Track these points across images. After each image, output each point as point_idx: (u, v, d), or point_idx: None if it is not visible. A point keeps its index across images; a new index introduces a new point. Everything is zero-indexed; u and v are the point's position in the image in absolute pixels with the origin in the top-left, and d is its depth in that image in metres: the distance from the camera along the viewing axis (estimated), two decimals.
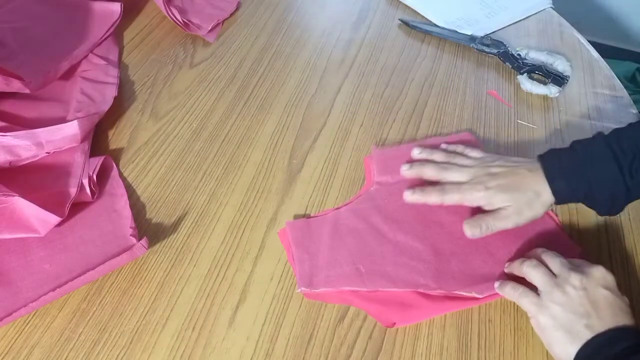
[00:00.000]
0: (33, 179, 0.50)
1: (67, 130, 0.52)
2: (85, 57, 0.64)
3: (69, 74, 0.61)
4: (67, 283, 0.43)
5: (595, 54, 0.72)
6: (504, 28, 0.75)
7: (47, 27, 0.66)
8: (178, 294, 0.45)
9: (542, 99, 0.65)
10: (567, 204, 0.51)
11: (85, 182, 0.49)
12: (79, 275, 0.43)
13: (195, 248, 0.48)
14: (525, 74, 0.66)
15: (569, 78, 0.65)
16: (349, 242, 0.48)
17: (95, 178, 0.51)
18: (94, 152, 0.54)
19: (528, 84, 0.65)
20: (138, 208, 0.51)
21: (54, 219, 0.46)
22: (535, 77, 0.67)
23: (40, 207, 0.45)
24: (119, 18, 0.68)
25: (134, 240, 0.46)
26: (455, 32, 0.73)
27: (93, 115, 0.55)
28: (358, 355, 0.42)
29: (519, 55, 0.68)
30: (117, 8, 0.68)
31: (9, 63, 0.59)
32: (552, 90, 0.64)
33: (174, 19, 0.70)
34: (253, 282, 0.46)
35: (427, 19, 0.76)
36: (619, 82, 0.68)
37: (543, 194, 0.46)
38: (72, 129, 0.52)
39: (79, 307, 0.44)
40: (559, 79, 0.65)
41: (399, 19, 0.75)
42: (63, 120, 0.54)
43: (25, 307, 0.42)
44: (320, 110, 0.62)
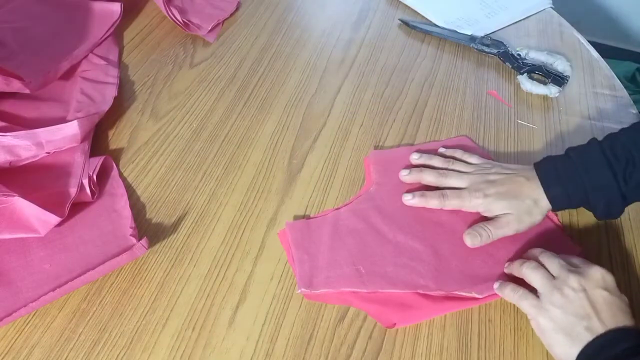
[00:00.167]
0: (33, 179, 0.50)
1: (67, 130, 0.52)
2: (85, 57, 0.63)
3: (69, 74, 0.61)
4: (67, 283, 0.43)
5: (595, 54, 0.72)
6: (504, 28, 0.75)
7: (47, 27, 0.66)
8: (178, 294, 0.45)
9: (542, 99, 0.65)
10: None
11: (85, 182, 0.49)
12: (79, 275, 0.43)
13: (195, 248, 0.48)
14: (525, 74, 0.66)
15: (569, 78, 0.65)
16: (349, 242, 0.48)
17: (95, 178, 0.51)
18: (94, 152, 0.54)
19: (528, 84, 0.65)
20: (138, 208, 0.51)
21: (54, 219, 0.45)
22: (535, 77, 0.67)
23: (40, 207, 0.45)
24: (119, 18, 0.68)
25: (134, 240, 0.46)
26: (455, 32, 0.73)
27: (93, 115, 0.55)
28: (358, 355, 0.42)
29: (519, 55, 0.68)
30: (117, 8, 0.68)
31: (9, 63, 0.59)
32: (552, 90, 0.64)
33: (174, 19, 0.70)
34: (253, 282, 0.46)
35: (427, 19, 0.76)
36: (619, 82, 0.68)
37: (541, 202, 0.47)
38: (72, 129, 0.52)
39: (79, 307, 0.44)
40: (559, 79, 0.65)
41: (399, 19, 0.75)
42: (63, 120, 0.54)
43: (25, 307, 0.42)
44: (320, 110, 0.62)
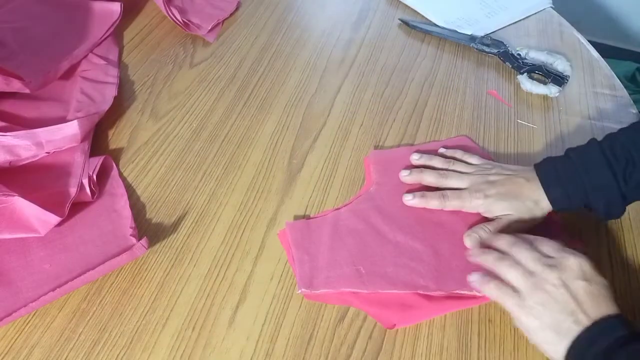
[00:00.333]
0: (33, 179, 0.50)
1: (67, 130, 0.52)
2: (85, 57, 0.63)
3: (69, 74, 0.61)
4: (67, 283, 0.43)
5: (595, 54, 0.72)
6: (504, 28, 0.75)
7: (47, 27, 0.66)
8: (178, 294, 0.45)
9: (542, 99, 0.65)
10: None
11: (85, 182, 0.49)
12: (79, 275, 0.43)
13: (195, 248, 0.48)
14: (525, 74, 0.66)
15: (569, 78, 0.65)
16: (349, 242, 0.48)
17: (95, 178, 0.51)
18: (94, 152, 0.54)
19: (528, 84, 0.65)
20: (138, 208, 0.51)
21: (54, 219, 0.45)
22: (535, 77, 0.67)
23: (40, 207, 0.45)
24: (119, 18, 0.68)
25: (134, 240, 0.46)
26: (455, 32, 0.73)
27: (93, 115, 0.55)
28: (358, 355, 0.42)
29: (519, 55, 0.68)
30: (117, 8, 0.68)
31: (9, 63, 0.59)
32: (552, 90, 0.64)
33: (174, 19, 0.70)
34: (253, 282, 0.46)
35: (427, 19, 0.76)
36: (619, 81, 0.68)
37: (541, 202, 0.47)
38: (72, 129, 0.52)
39: (79, 307, 0.44)
40: (559, 79, 0.65)
41: (399, 19, 0.75)
42: (63, 120, 0.54)
43: (25, 307, 0.42)
44: (320, 110, 0.62)
